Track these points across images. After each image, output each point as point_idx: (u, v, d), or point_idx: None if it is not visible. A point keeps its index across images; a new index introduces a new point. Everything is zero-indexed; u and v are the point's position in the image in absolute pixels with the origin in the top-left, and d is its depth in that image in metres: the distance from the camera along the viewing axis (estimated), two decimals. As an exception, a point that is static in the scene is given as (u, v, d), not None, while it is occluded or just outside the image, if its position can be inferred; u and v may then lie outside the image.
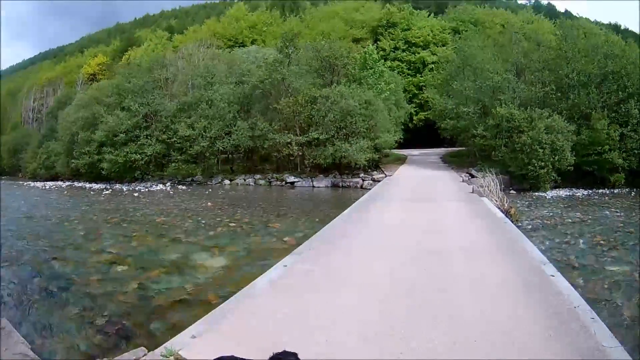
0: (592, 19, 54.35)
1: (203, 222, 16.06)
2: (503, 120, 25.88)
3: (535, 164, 23.62)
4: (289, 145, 29.85)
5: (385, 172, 28.67)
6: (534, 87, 28.53)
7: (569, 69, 27.24)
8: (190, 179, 34.88)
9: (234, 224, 15.29)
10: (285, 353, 3.18)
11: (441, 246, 8.49)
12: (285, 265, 7.17)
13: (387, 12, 67.62)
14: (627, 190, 24.82)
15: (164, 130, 36.40)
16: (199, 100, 35.21)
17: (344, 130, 28.57)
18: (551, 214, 16.87)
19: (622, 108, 25.70)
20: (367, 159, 28.24)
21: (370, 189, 22.58)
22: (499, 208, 14.27)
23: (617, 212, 17.44)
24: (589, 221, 15.23)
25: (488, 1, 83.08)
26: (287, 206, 20.67)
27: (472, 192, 17.23)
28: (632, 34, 57.34)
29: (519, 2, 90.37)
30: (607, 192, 24.36)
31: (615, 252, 10.88)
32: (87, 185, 38.42)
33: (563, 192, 24.04)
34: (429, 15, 70.57)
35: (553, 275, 6.39)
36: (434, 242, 8.91)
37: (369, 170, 29.79)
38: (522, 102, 27.64)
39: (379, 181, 25.72)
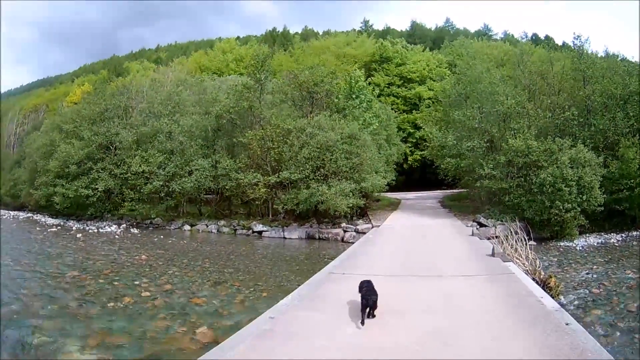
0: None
1: (116, 283, 13.02)
2: (516, 155, 21.49)
3: (560, 207, 19.42)
4: (256, 186, 24.88)
5: (372, 221, 23.66)
6: (551, 113, 24.45)
7: (590, 90, 23.76)
8: (149, 221, 30.46)
9: (148, 293, 11.87)
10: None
11: None
12: None
13: (381, 46, 64.11)
14: (664, 230, 21.11)
15: (119, 163, 32.09)
16: (157, 131, 30.81)
17: (322, 169, 23.54)
18: (594, 275, 13.18)
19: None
20: (350, 205, 22.92)
21: (352, 243, 18.68)
22: (533, 278, 10.44)
23: (678, 264, 14.23)
24: (650, 285, 11.74)
25: (484, 35, 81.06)
26: (237, 267, 16.30)
27: (492, 254, 11.83)
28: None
29: (516, 36, 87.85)
30: (644, 234, 20.49)
31: None
32: (44, 219, 36.47)
33: (593, 239, 20.06)
34: (424, 50, 67.45)
35: None
36: None
37: (354, 218, 24.72)
38: (538, 131, 23.42)
39: (363, 233, 20.97)
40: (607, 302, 10.34)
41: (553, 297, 8.95)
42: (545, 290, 9.11)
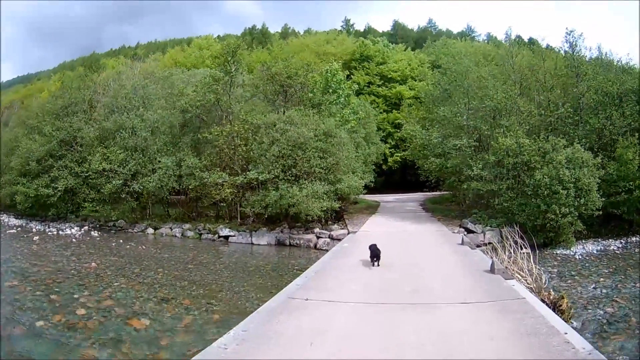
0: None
1: (54, 296, 11.90)
2: (507, 154, 19.88)
3: (557, 211, 17.65)
4: (221, 187, 22.93)
5: (348, 226, 21.80)
6: (544, 110, 23.13)
7: (584, 87, 22.37)
8: (112, 223, 28.62)
9: (84, 311, 10.54)
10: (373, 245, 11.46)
11: None
12: None
13: (361, 44, 62.75)
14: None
15: (80, 161, 30.11)
16: (120, 127, 28.55)
17: (294, 169, 21.47)
18: (603, 290, 11.80)
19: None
20: (324, 208, 20.94)
21: (326, 250, 17.45)
22: (542, 299, 8.80)
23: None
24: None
25: (467, 36, 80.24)
26: (192, 278, 14.66)
27: (491, 270, 9.81)
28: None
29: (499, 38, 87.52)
30: (643, 240, 19.23)
31: None
32: (8, 219, 34.77)
33: (591, 246, 18.58)
34: (406, 49, 66.18)
35: None
36: None
37: (328, 222, 22.86)
38: (530, 128, 22.04)
39: (338, 239, 19.12)
40: (626, 325, 9.04)
41: (566, 322, 7.47)
42: (556, 313, 7.78)
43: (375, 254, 11.52)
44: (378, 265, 11.35)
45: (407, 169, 45.01)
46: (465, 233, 18.76)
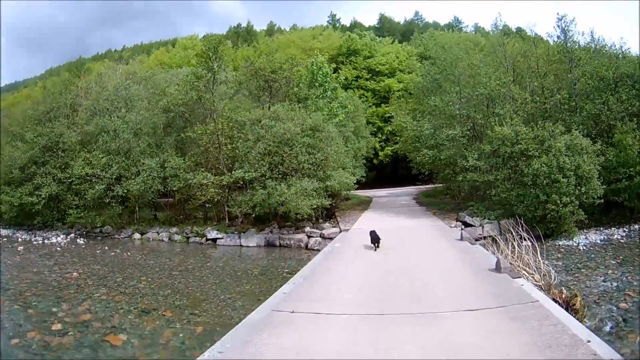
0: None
1: (31, 311, 11.44)
2: (503, 144, 19.10)
3: (557, 200, 16.94)
4: (205, 187, 22.15)
5: (340, 224, 20.99)
6: (539, 97, 22.21)
7: (578, 73, 21.56)
8: (99, 229, 27.58)
9: (60, 326, 10.03)
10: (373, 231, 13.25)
11: None
12: None
13: (348, 38, 62.11)
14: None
15: (63, 167, 28.98)
16: (101, 130, 27.73)
17: (281, 166, 20.73)
18: (614, 283, 11.14)
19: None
20: (314, 206, 20.13)
21: (317, 251, 16.75)
22: (554, 299, 8.08)
23: None
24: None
25: (455, 28, 79.88)
26: (175, 286, 14.03)
27: (497, 268, 9.00)
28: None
29: (487, 29, 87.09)
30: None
31: None
32: None
33: (594, 236, 17.86)
34: (393, 42, 65.71)
35: None
36: None
37: (319, 220, 22.09)
38: (526, 116, 21.30)
39: (330, 238, 18.35)
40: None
41: (580, 322, 6.94)
42: (570, 313, 7.25)
43: (375, 239, 13.13)
44: (378, 247, 13.10)
45: (399, 163, 44.63)
46: (463, 227, 18.02)
